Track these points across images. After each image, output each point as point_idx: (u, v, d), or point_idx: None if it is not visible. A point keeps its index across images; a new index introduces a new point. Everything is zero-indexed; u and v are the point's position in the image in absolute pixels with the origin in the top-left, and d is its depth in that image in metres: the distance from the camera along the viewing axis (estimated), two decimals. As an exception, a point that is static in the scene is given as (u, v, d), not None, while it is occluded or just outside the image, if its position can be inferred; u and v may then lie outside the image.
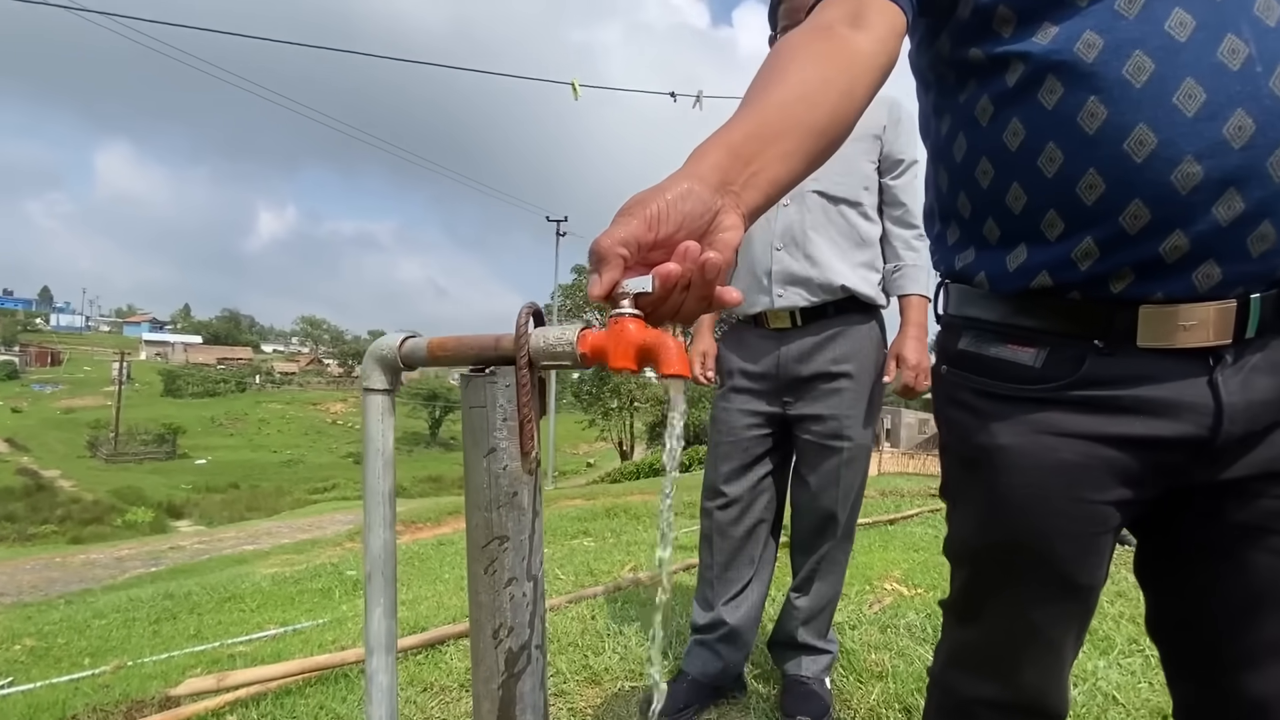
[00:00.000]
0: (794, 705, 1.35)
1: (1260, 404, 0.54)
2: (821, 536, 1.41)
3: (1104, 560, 0.63)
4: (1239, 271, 0.52)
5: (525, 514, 0.41)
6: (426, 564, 4.42)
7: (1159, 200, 0.51)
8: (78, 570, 11.62)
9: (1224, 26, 0.50)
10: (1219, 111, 0.49)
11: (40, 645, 2.88)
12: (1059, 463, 0.59)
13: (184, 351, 64.92)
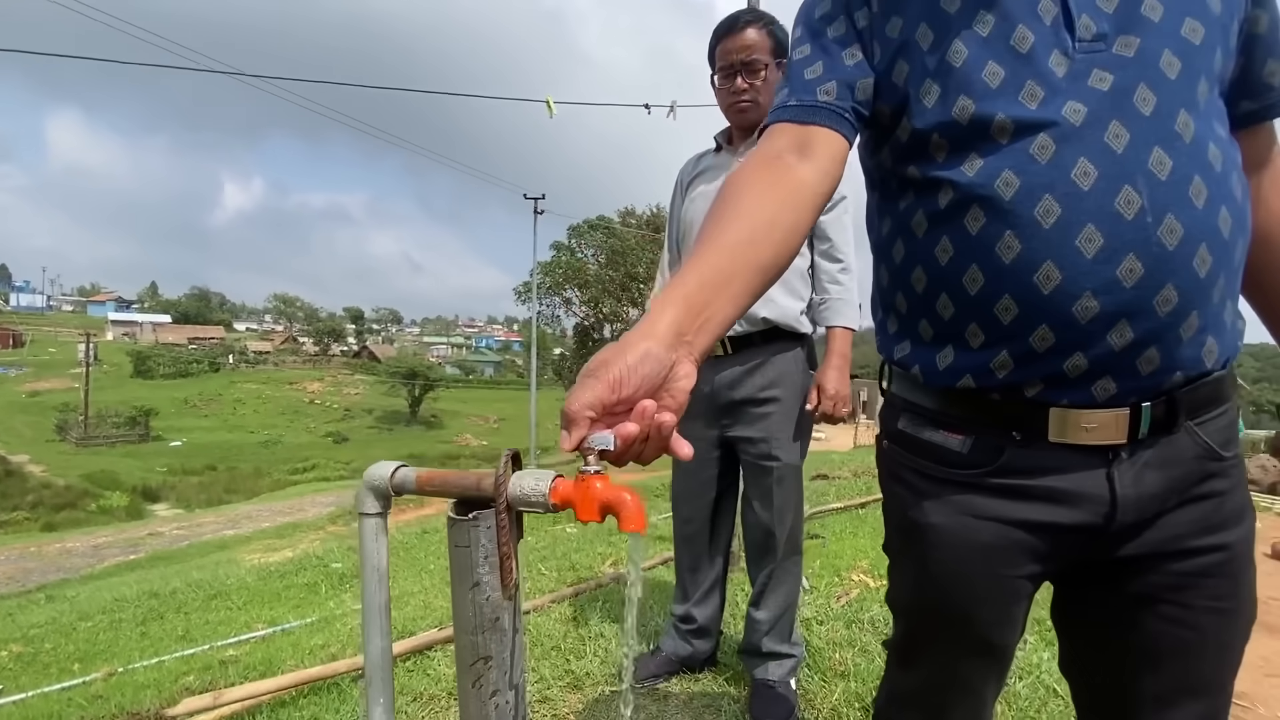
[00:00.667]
0: (761, 709, 1.46)
1: (1149, 496, 0.62)
2: (765, 552, 1.53)
3: (1018, 624, 0.72)
4: (1131, 386, 0.59)
5: (506, 635, 0.48)
6: (412, 553, 4.50)
7: (1062, 327, 0.58)
8: (54, 559, 11.52)
9: (1122, 178, 0.56)
10: (1114, 255, 0.56)
11: (28, 650, 2.91)
12: (979, 544, 0.67)
13: (153, 331, 63.32)
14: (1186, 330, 0.58)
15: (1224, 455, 0.64)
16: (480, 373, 68.08)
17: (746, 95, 1.50)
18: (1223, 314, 0.61)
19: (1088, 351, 0.58)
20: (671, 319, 0.50)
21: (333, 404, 47.87)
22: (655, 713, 1.53)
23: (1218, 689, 0.67)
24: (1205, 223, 0.57)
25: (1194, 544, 0.63)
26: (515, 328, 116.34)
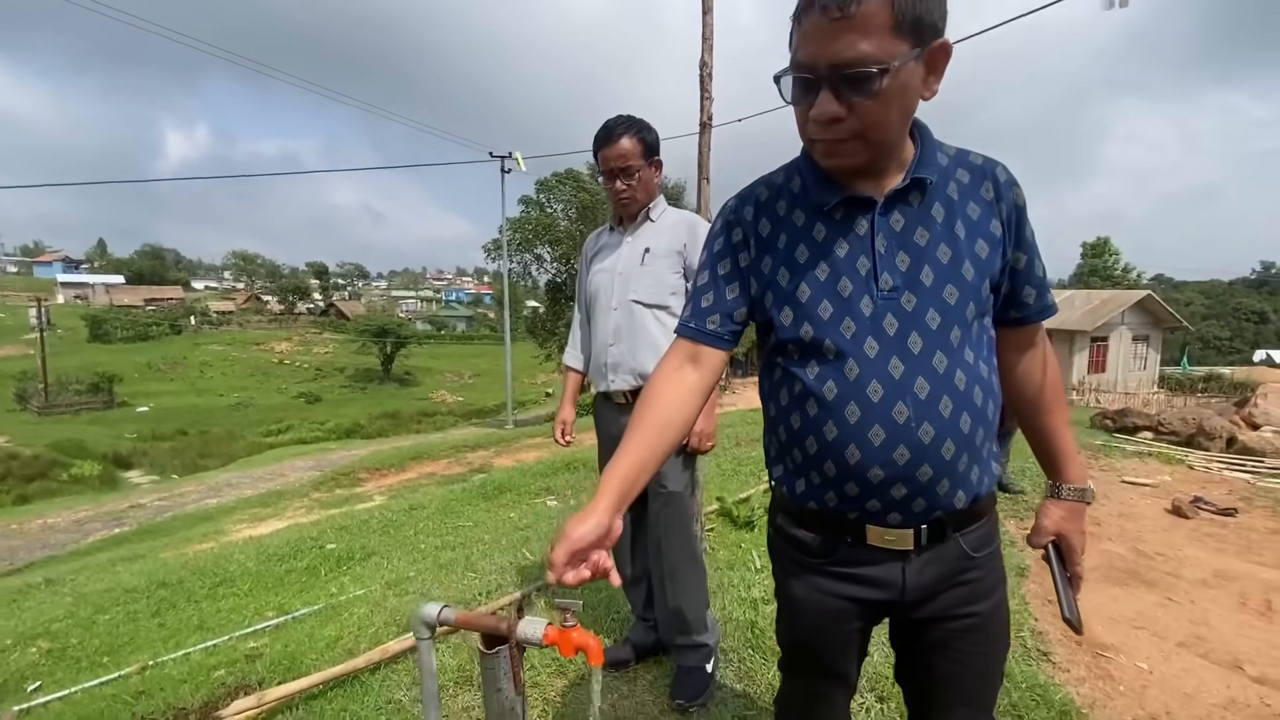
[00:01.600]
0: (676, 690, 1.84)
1: (928, 583, 0.95)
2: (662, 561, 1.87)
3: (852, 658, 1.06)
4: (910, 518, 0.91)
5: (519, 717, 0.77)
6: (401, 532, 4.80)
7: (862, 484, 0.90)
8: (38, 536, 11.59)
9: (897, 396, 0.87)
10: (891, 445, 0.87)
11: (56, 646, 3.17)
12: (823, 608, 1.00)
13: (106, 293, 60.94)
14: (941, 489, 0.90)
15: (976, 555, 0.97)
16: (452, 328, 67.45)
17: (625, 193, 1.82)
18: (970, 473, 0.92)
19: (881, 499, 0.91)
20: (608, 502, 0.82)
21: (303, 364, 47.23)
22: (626, 692, 1.88)
23: (980, 701, 1.03)
24: (951, 426, 0.88)
25: (960, 612, 0.97)
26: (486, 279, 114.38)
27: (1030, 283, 0.96)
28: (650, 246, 1.86)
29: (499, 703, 0.76)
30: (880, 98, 0.80)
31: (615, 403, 1.90)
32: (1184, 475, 5.56)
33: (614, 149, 1.78)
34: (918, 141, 0.93)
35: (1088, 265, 44.19)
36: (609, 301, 1.87)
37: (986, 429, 0.93)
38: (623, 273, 1.87)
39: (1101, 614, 2.71)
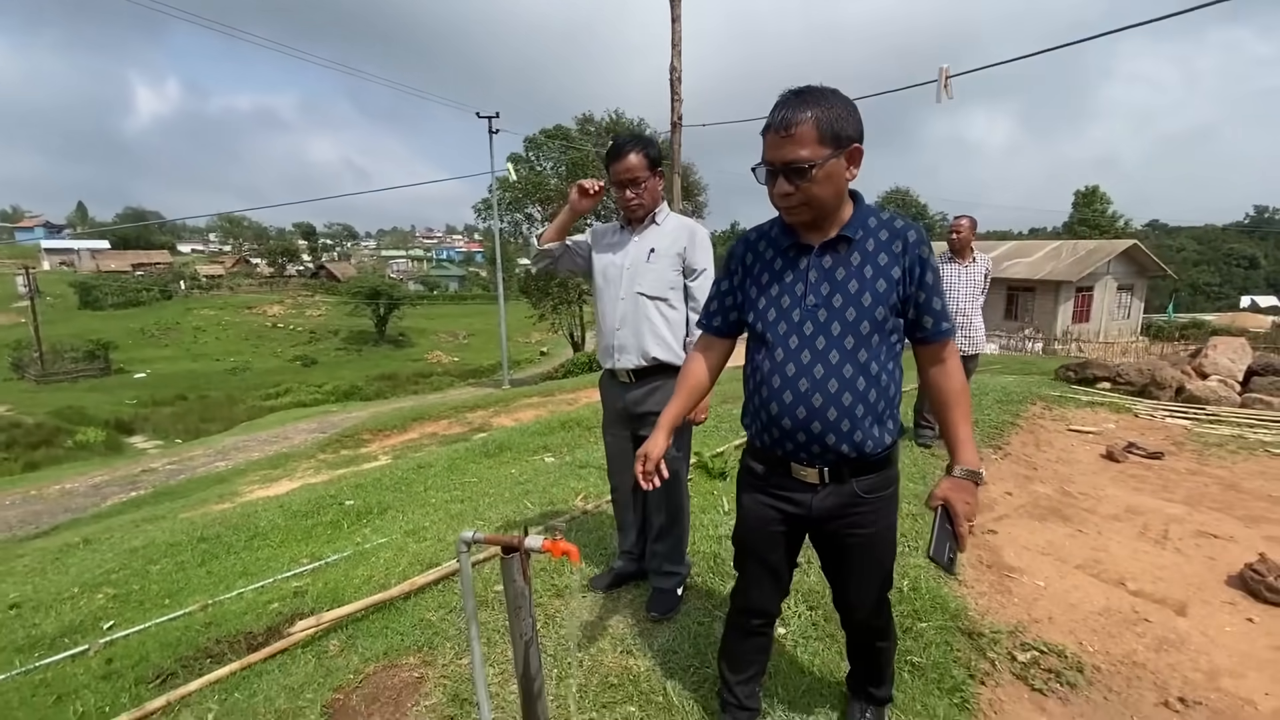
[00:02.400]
0: (651, 605, 2.30)
1: (828, 509, 1.40)
2: (659, 511, 2.30)
3: (781, 556, 1.53)
4: (813, 459, 1.36)
5: (526, 599, 1.20)
6: (412, 489, 5.25)
7: (780, 430, 1.35)
8: (58, 501, 12.06)
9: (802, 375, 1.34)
10: (795, 405, 1.32)
11: (120, 593, 3.63)
12: (760, 514, 1.47)
13: (93, 259, 60.22)
14: (828, 440, 1.34)
15: (866, 496, 1.40)
16: (444, 288, 67.18)
17: (634, 201, 2.13)
18: (852, 434, 1.34)
19: (794, 442, 1.36)
20: (666, 433, 1.42)
21: (296, 327, 47.26)
22: (611, 607, 2.34)
23: (869, 590, 1.52)
24: (834, 399, 1.32)
25: (850, 533, 1.43)
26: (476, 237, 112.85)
27: (928, 313, 1.36)
28: (655, 247, 2.17)
29: (514, 591, 1.18)
30: (813, 181, 1.27)
31: (620, 380, 2.23)
32: (1129, 423, 6.03)
33: (623, 164, 2.08)
34: (855, 208, 1.38)
35: (1078, 215, 44.25)
36: (617, 292, 2.18)
37: (866, 407, 1.34)
38: (630, 268, 2.18)
39: (1015, 544, 3.20)
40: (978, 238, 4.75)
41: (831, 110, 1.26)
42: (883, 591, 1.55)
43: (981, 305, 4.54)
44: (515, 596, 1.19)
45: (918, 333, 1.38)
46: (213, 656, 2.42)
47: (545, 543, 1.16)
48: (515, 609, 1.20)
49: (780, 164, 1.28)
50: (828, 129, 1.25)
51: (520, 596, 1.19)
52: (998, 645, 2.22)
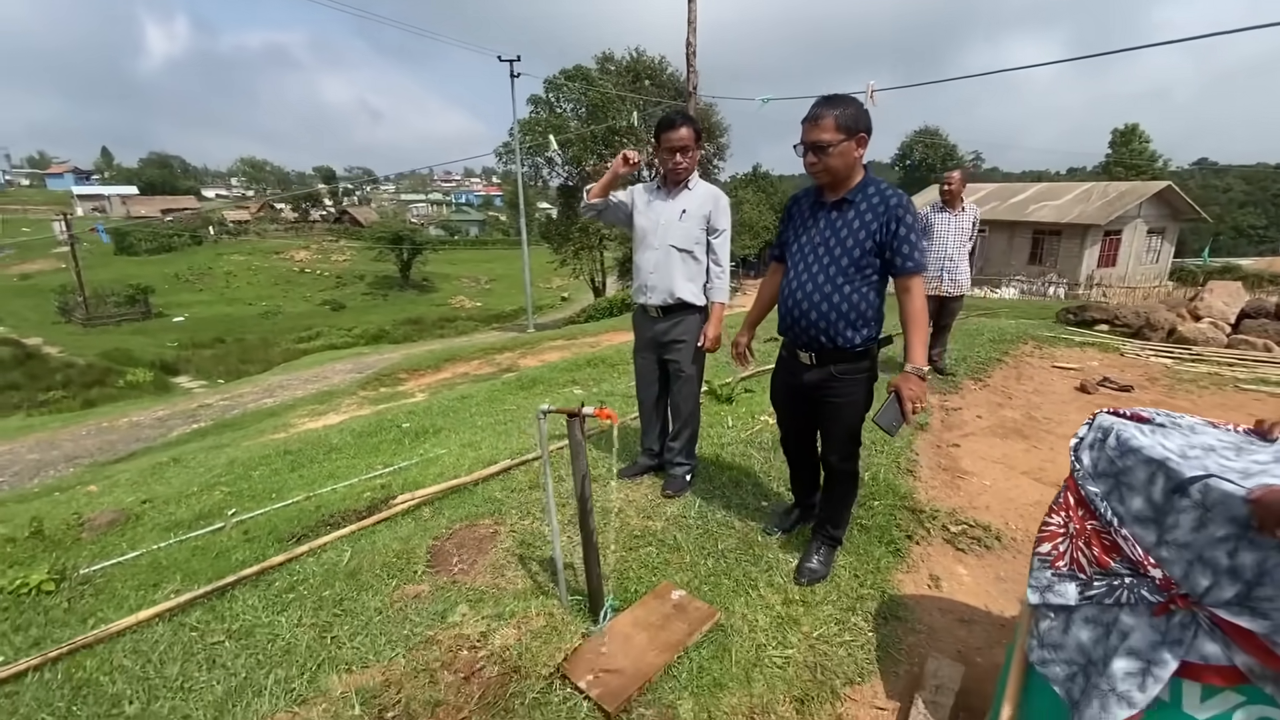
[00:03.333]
0: (666, 486, 2.97)
1: (814, 380, 2.09)
2: (677, 415, 2.93)
3: (793, 410, 2.29)
4: (805, 347, 2.05)
5: (584, 450, 1.85)
6: (459, 415, 5.98)
7: (786, 325, 2.06)
8: (128, 432, 13.17)
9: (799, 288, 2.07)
10: (793, 308, 2.02)
11: (232, 490, 4.43)
12: (781, 383, 2.24)
13: (123, 204, 61.41)
14: (811, 334, 2.02)
15: (839, 377, 2.07)
16: (465, 233, 67.43)
17: (683, 166, 2.64)
18: (828, 332, 2.00)
19: (794, 333, 2.05)
20: (750, 330, 2.24)
21: (323, 272, 48.27)
22: (634, 487, 3.01)
23: (842, 441, 2.18)
24: (815, 307, 1.98)
25: (829, 399, 2.10)
26: (495, 180, 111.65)
27: (898, 255, 1.98)
28: (686, 209, 2.69)
29: (575, 441, 1.82)
30: (830, 156, 1.92)
31: (650, 315, 2.81)
32: (1113, 361, 6.49)
33: (677, 134, 2.57)
34: (862, 179, 2.02)
35: (1115, 155, 42.69)
36: (652, 243, 2.72)
37: (840, 315, 2.00)
38: (664, 224, 2.70)
39: (974, 455, 3.80)
40: (1001, 179, 5.16)
41: (847, 110, 1.93)
42: (850, 445, 2.20)
43: (969, 251, 4.99)
44: (575, 445, 1.83)
45: (890, 268, 2.01)
46: (330, 524, 3.17)
47: (595, 410, 1.79)
48: (575, 454, 1.84)
49: (809, 143, 1.97)
50: (843, 123, 1.93)
51: (579, 445, 1.83)
52: (935, 520, 2.86)
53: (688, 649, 1.94)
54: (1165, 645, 1.22)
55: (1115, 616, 1.30)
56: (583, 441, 1.83)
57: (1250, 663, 1.13)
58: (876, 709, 1.84)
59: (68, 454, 11.36)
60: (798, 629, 2.07)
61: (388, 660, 1.82)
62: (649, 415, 3.04)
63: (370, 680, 1.73)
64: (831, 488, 2.33)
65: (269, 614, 2.22)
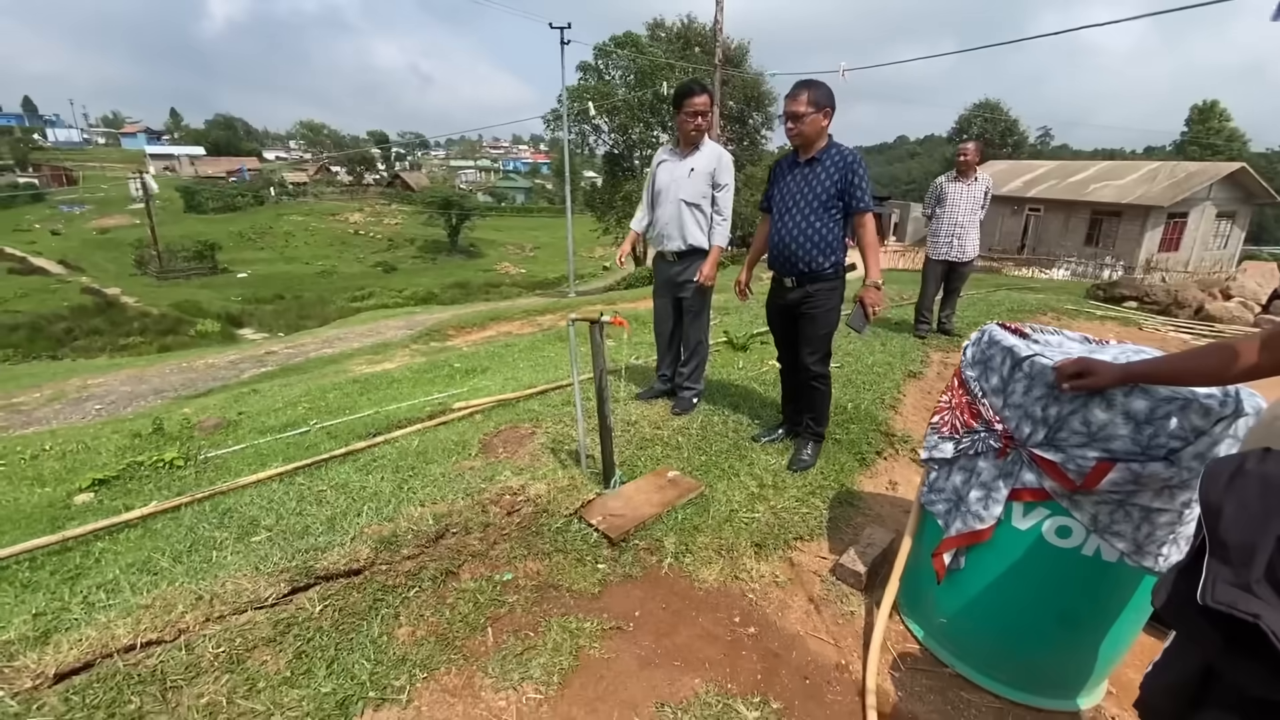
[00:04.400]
0: (675, 407, 3.50)
1: (794, 299, 2.68)
2: (687, 345, 3.45)
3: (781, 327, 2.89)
4: (788, 273, 2.64)
5: (601, 354, 2.41)
6: (504, 358, 6.65)
7: (774, 257, 2.65)
8: (206, 371, 14.38)
9: (782, 228, 2.64)
10: (778, 244, 2.60)
11: (312, 407, 5.19)
12: (772, 306, 2.83)
13: (191, 164, 64.43)
14: (792, 262, 2.60)
15: (812, 294, 2.65)
16: (511, 200, 68.37)
17: (701, 127, 3.12)
18: (805, 260, 2.60)
19: (779, 263, 2.64)
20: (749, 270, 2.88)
21: (375, 234, 49.96)
22: (648, 408, 3.57)
23: (815, 346, 2.74)
24: (795, 240, 2.56)
25: (804, 311, 2.66)
26: (542, 148, 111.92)
27: (853, 198, 2.53)
28: (695, 167, 3.18)
29: (595, 342, 2.37)
30: (804, 124, 2.49)
31: (666, 259, 3.34)
32: (1129, 334, 6.69)
33: (698, 99, 3.05)
34: (827, 143, 2.57)
35: (1191, 134, 40.34)
36: (667, 197, 3.23)
37: (812, 245, 2.57)
38: (676, 180, 3.20)
39: (959, 400, 4.22)
40: (1070, 156, 5.42)
41: (818, 90, 2.55)
42: (822, 345, 2.76)
43: (980, 219, 5.29)
44: (595, 345, 2.38)
45: (848, 209, 2.59)
46: (399, 427, 3.83)
47: (611, 318, 2.33)
48: (595, 353, 2.40)
49: (789, 113, 2.60)
50: (813, 99, 2.55)
51: (597, 345, 2.38)
52: (905, 443, 3.33)
53: (675, 507, 2.50)
54: (1002, 477, 1.71)
55: (975, 464, 1.79)
56: (601, 342, 2.38)
57: (1053, 485, 1.62)
58: (819, 558, 2.37)
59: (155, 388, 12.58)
60: (765, 503, 2.61)
61: (451, 500, 2.43)
62: (664, 346, 3.57)
63: (438, 510, 2.34)
64: (810, 391, 2.85)
65: (359, 476, 2.87)
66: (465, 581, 2.08)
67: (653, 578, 2.21)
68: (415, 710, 1.63)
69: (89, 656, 1.64)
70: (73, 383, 11.76)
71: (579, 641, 1.88)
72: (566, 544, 2.29)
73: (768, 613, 2.08)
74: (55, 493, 3.58)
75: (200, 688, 1.62)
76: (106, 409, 10.52)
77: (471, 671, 1.77)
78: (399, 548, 2.11)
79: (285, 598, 1.90)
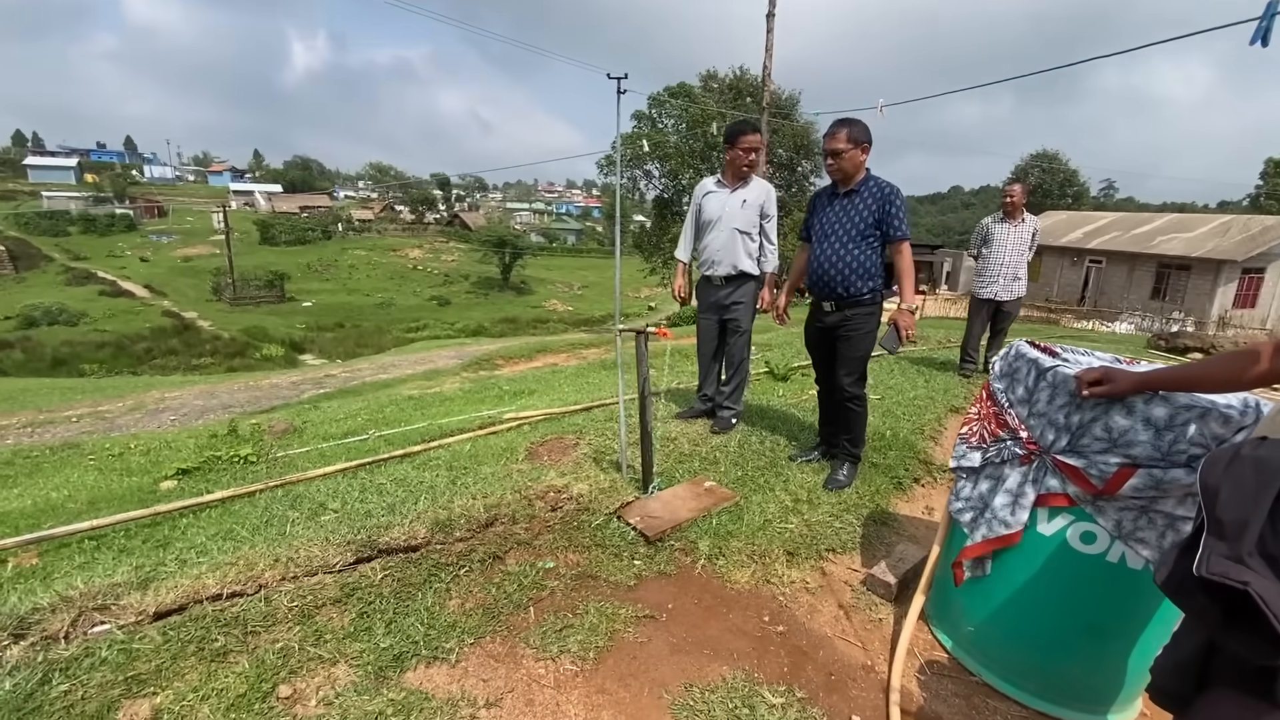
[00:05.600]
0: (715, 425, 3.62)
1: (834, 322, 2.81)
2: (730, 365, 3.58)
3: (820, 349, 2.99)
4: (827, 298, 2.79)
5: (645, 362, 2.58)
6: (550, 383, 6.90)
7: (813, 284, 2.77)
8: (270, 390, 15.19)
9: (823, 256, 2.77)
10: (818, 271, 2.75)
11: (372, 418, 5.51)
12: (811, 328, 2.95)
13: (269, 200, 69.02)
14: (831, 287, 2.74)
15: (850, 318, 2.80)
16: (563, 240, 70.46)
17: (753, 163, 3.34)
18: (845, 286, 2.74)
19: (819, 288, 2.77)
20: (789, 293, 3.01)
21: (433, 270, 52.14)
22: (689, 426, 3.69)
23: (851, 368, 2.86)
24: (835, 268, 2.71)
25: (844, 335, 2.80)
26: (594, 192, 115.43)
27: (890, 227, 2.68)
28: (746, 199, 3.39)
29: (640, 351, 2.54)
30: (843, 159, 2.69)
31: (714, 283, 3.50)
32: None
33: (750, 138, 3.30)
34: (865, 176, 2.75)
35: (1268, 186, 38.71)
36: (720, 225, 3.41)
37: (851, 272, 2.72)
38: (729, 211, 3.40)
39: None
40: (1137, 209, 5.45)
41: (855, 128, 2.74)
42: (858, 367, 2.86)
43: (1026, 260, 5.30)
44: (640, 354, 2.55)
45: (886, 237, 2.74)
46: (452, 436, 4.06)
47: (656, 330, 2.51)
48: (639, 360, 2.57)
49: (828, 150, 2.78)
50: (852, 136, 2.74)
51: (642, 354, 2.55)
52: (944, 473, 3.35)
53: (711, 512, 2.60)
54: (1028, 483, 1.77)
55: (1001, 471, 1.86)
56: (645, 352, 2.55)
57: (1077, 490, 1.68)
58: (850, 569, 2.42)
59: (224, 403, 13.36)
60: (799, 516, 2.68)
61: (500, 494, 2.61)
62: (706, 365, 3.71)
63: (488, 501, 2.52)
64: (846, 412, 2.94)
65: (416, 472, 3.09)
66: (510, 565, 2.23)
67: (686, 576, 2.31)
68: (462, 670, 1.77)
69: (183, 600, 1.85)
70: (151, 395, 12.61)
71: (614, 625, 2.00)
72: (605, 540, 2.42)
73: (797, 614, 2.15)
74: (143, 481, 3.92)
75: (275, 634, 1.80)
76: (180, 419, 11.24)
77: (514, 642, 1.90)
78: (452, 530, 2.29)
79: (351, 566, 2.09)
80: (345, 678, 1.69)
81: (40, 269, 43.09)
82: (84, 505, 3.46)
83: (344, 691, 1.64)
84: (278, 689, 1.64)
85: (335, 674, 1.70)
